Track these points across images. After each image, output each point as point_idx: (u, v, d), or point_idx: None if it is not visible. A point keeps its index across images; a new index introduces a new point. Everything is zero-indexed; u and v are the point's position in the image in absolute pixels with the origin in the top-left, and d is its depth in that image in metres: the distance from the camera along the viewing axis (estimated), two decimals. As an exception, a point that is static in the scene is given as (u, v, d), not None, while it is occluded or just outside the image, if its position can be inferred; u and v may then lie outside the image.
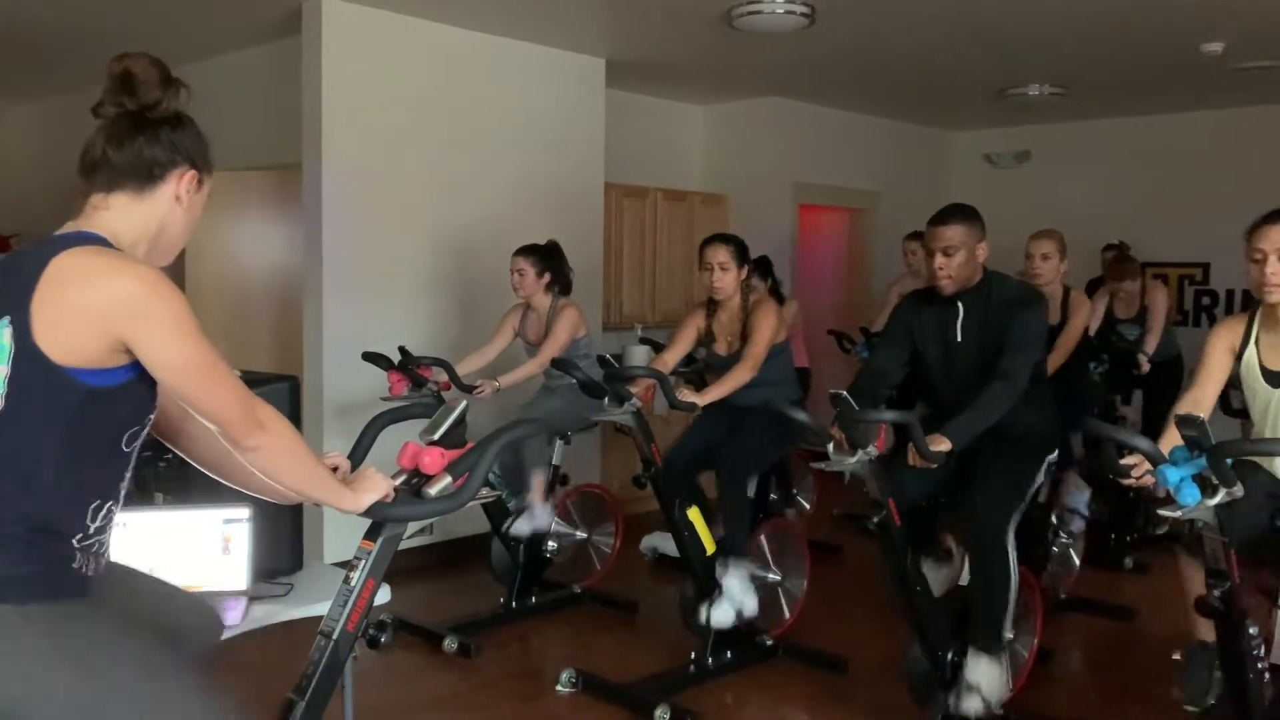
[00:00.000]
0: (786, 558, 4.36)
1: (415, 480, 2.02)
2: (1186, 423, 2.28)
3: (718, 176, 7.51)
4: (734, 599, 3.89)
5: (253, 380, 2.75)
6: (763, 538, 4.32)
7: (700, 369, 4.71)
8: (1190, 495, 2.28)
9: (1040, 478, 3.41)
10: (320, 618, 2.03)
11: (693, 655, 3.95)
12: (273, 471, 1.79)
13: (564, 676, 3.83)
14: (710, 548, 3.99)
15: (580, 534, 5.00)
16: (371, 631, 2.12)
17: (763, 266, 5.82)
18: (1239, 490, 2.32)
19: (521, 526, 4.55)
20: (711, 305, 4.15)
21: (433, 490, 1.98)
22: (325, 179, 4.99)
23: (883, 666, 3.87)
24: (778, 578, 4.30)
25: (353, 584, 2.01)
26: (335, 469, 1.97)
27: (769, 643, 4.13)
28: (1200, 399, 2.89)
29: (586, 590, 4.84)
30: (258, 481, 1.87)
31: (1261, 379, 2.92)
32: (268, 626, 2.46)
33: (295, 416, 2.66)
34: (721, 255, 4.02)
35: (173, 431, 1.97)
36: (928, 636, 3.28)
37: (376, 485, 1.91)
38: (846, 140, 7.76)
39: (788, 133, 7.38)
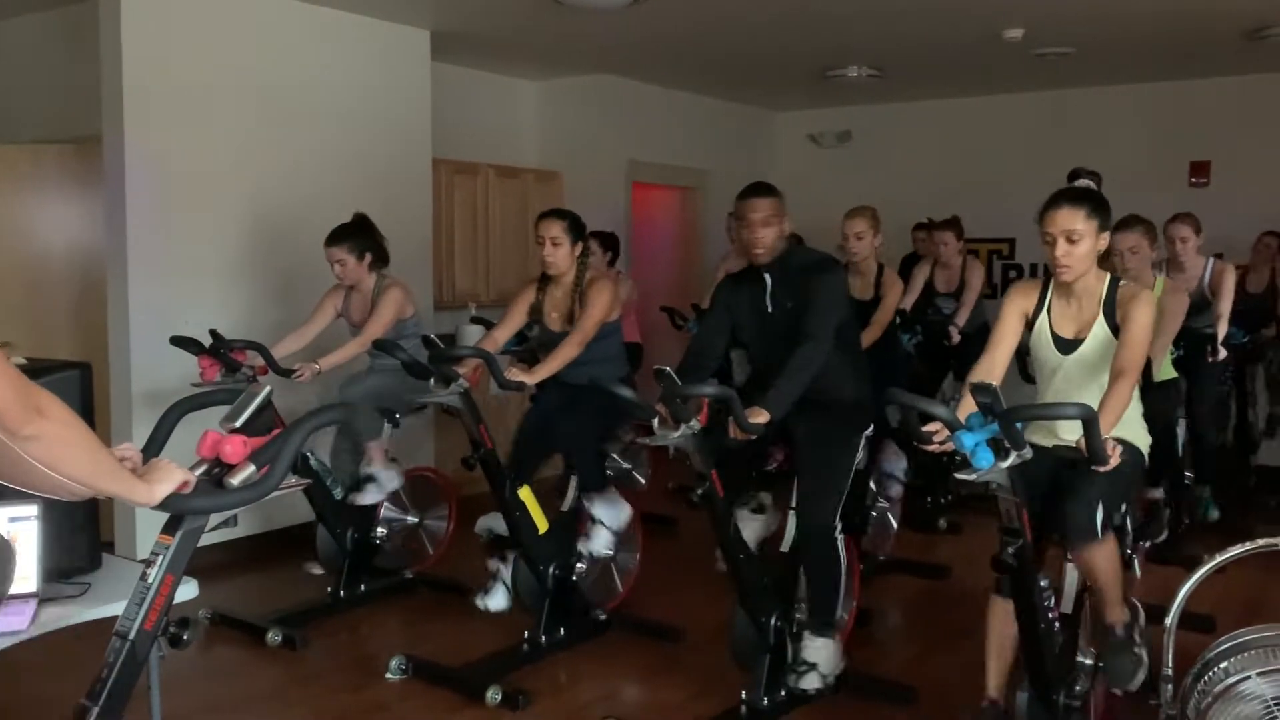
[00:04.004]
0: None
1: (216, 470, 1.94)
2: (980, 389, 2.40)
3: (551, 153, 7.46)
4: (611, 526, 4.05)
5: (40, 368, 2.57)
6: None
7: (534, 347, 4.68)
8: (985, 459, 2.41)
9: (859, 455, 3.55)
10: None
11: (525, 634, 3.95)
12: (54, 463, 1.68)
13: (394, 664, 3.76)
14: (542, 526, 3.99)
15: (411, 518, 4.91)
16: (173, 629, 2.01)
17: (607, 241, 5.85)
18: (1029, 452, 2.46)
19: (370, 495, 4.49)
20: (544, 280, 4.13)
21: (235, 480, 1.90)
22: (128, 153, 4.70)
23: (716, 634, 3.95)
24: (610, 553, 4.33)
25: (150, 581, 1.92)
26: (125, 460, 1.86)
27: (602, 617, 4.16)
28: (993, 365, 2.95)
29: (419, 575, 4.76)
30: (47, 480, 1.75)
31: (1052, 345, 2.99)
32: (61, 629, 2.30)
33: (88, 405, 2.48)
34: (554, 230, 4.00)
35: None
36: (751, 602, 3.39)
37: (170, 475, 1.83)
38: (677, 119, 7.85)
39: (620, 111, 7.40)
